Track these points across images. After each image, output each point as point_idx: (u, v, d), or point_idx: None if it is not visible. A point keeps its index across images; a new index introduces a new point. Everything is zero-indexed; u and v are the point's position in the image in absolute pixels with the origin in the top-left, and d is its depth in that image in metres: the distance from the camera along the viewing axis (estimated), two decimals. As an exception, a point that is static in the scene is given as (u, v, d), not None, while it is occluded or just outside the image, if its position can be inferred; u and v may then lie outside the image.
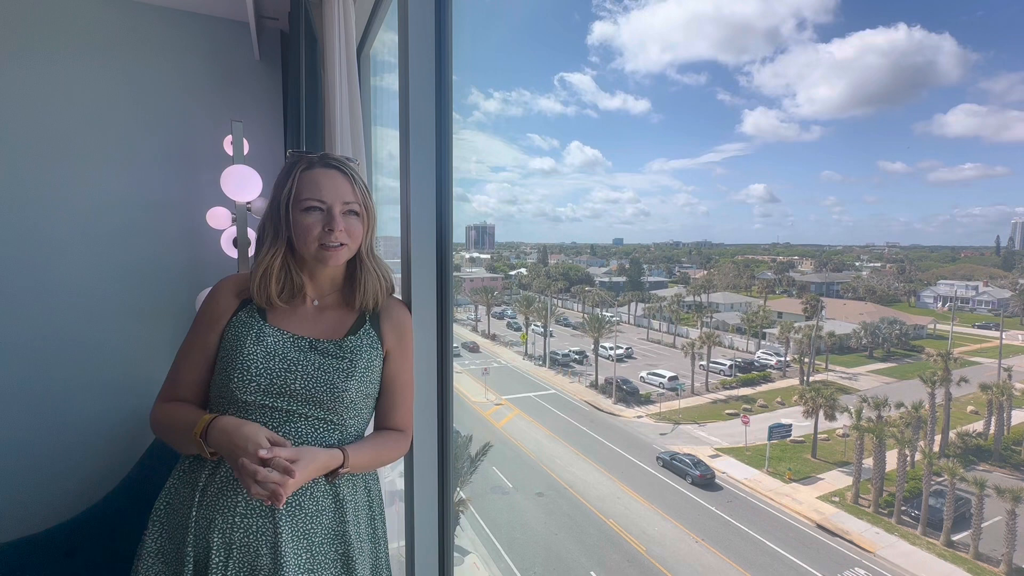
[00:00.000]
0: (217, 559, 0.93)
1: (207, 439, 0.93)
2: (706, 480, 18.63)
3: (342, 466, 0.98)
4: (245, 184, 2.05)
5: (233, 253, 2.29)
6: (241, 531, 0.94)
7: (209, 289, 1.12)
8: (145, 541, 1.00)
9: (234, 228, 2.28)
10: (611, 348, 28.34)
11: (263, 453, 0.86)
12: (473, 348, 32.86)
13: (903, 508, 16.36)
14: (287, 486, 0.85)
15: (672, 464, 19.52)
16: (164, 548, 0.98)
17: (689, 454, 19.96)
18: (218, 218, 2.34)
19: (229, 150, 2.22)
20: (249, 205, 2.12)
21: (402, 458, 1.30)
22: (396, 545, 1.37)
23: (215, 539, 0.93)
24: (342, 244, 1.02)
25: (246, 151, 2.17)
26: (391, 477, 1.91)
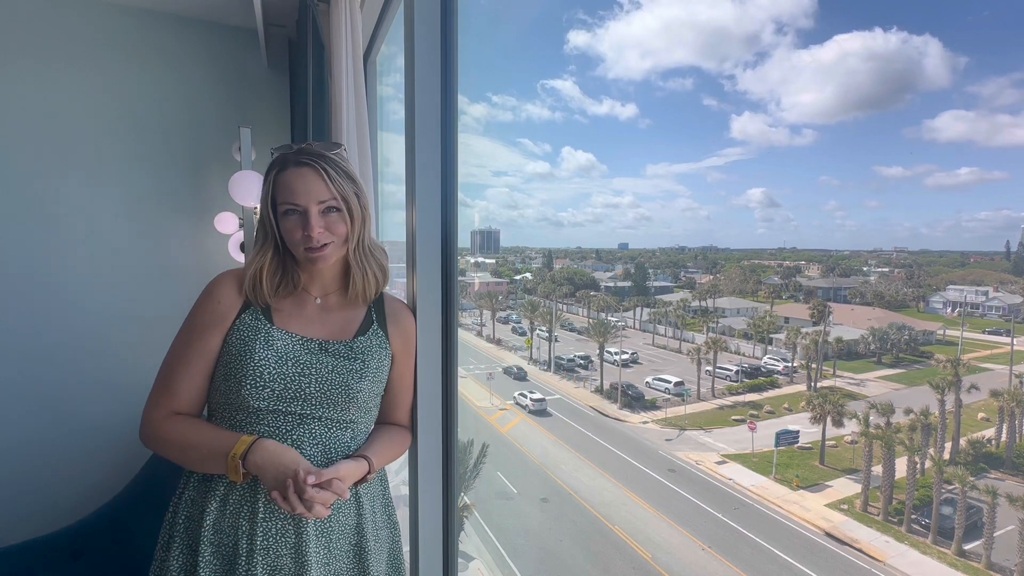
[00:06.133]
0: (243, 566, 0.92)
1: (246, 461, 0.89)
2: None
3: (368, 472, 0.99)
4: (252, 189, 2.07)
5: (240, 257, 2.31)
6: (261, 535, 0.93)
7: (206, 287, 1.05)
8: (167, 560, 0.96)
9: (241, 233, 2.30)
10: (616, 353, 28.18)
11: (312, 480, 0.85)
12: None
13: (913, 516, 16.10)
14: (330, 502, 0.89)
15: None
16: (187, 564, 0.95)
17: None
18: (226, 223, 2.36)
19: (237, 156, 2.24)
20: (256, 210, 2.15)
21: (407, 464, 1.30)
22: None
23: (243, 545, 0.92)
24: (326, 244, 0.99)
25: (253, 157, 2.20)
26: (395, 483, 1.90)
